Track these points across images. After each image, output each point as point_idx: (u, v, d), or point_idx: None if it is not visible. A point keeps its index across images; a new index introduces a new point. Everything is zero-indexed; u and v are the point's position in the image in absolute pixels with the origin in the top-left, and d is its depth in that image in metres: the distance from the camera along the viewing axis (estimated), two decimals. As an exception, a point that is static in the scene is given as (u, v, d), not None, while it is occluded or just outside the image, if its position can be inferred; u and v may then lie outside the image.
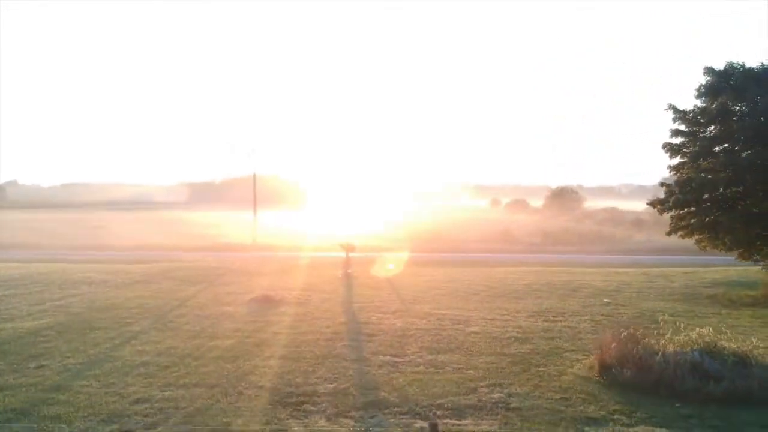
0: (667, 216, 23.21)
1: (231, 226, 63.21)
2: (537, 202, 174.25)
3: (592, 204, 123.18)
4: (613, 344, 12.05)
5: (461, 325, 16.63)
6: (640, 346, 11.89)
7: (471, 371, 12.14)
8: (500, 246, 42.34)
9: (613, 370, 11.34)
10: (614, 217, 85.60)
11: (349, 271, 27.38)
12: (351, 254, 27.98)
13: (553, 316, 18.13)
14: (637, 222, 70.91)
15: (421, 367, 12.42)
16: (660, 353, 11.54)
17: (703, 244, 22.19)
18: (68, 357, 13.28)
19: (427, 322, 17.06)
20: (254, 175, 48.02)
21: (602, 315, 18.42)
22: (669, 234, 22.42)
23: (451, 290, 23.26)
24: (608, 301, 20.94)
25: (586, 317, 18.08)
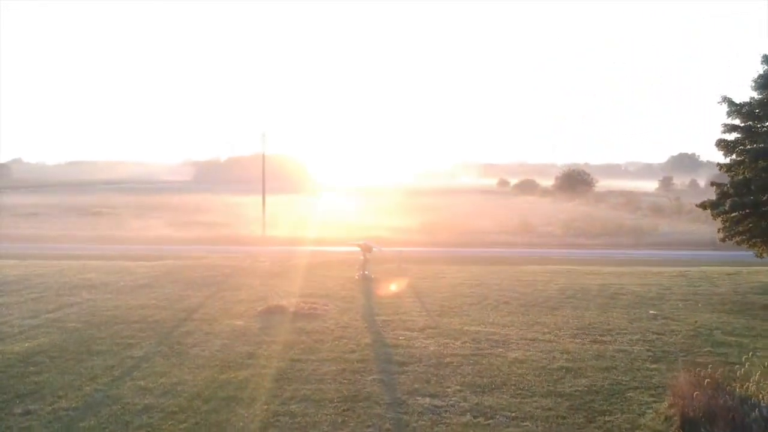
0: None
1: (239, 213, 61.48)
2: (545, 182, 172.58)
3: (601, 184, 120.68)
4: (695, 392, 10.25)
5: (501, 349, 14.87)
6: (728, 396, 10.10)
7: (527, 423, 10.38)
8: (519, 238, 40.42)
9: (703, 430, 9.54)
10: (630, 201, 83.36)
11: (366, 272, 25.63)
12: (368, 255, 26.16)
13: (600, 335, 16.35)
14: (655, 208, 68.69)
15: (468, 416, 10.66)
16: (755, 408, 9.73)
17: (760, 249, 20.26)
18: (60, 397, 11.59)
19: (461, 344, 15.31)
20: (263, 162, 45.25)
21: (654, 333, 16.61)
22: (723, 240, 20.51)
23: (479, 297, 21.48)
24: (654, 313, 19.11)
25: (637, 336, 16.28)
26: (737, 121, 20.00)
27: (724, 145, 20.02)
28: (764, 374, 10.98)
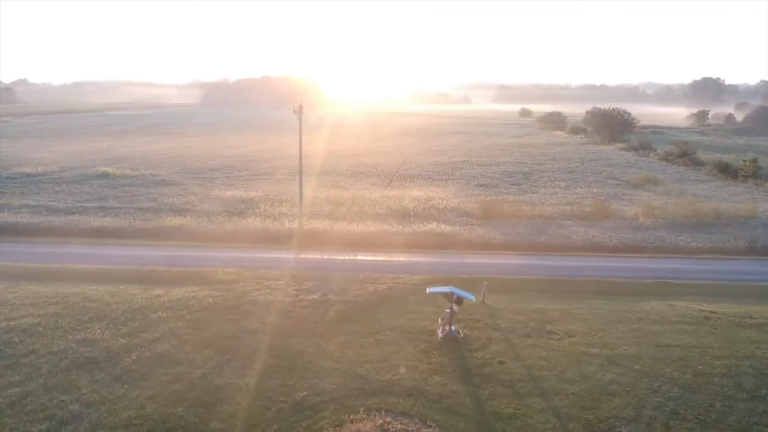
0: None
1: (268, 178, 54.79)
2: (563, 107, 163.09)
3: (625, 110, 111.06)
4: None
5: None
6: None
7: None
8: (603, 233, 33.26)
9: None
10: (684, 152, 75.04)
11: (454, 328, 19.58)
12: (457, 308, 19.98)
13: None
14: (722, 167, 60.46)
15: None
16: None
17: None
18: None
19: None
20: (300, 149, 36.28)
21: None
22: None
23: (632, 400, 15.58)
24: None
25: None
26: None
27: None
28: None
